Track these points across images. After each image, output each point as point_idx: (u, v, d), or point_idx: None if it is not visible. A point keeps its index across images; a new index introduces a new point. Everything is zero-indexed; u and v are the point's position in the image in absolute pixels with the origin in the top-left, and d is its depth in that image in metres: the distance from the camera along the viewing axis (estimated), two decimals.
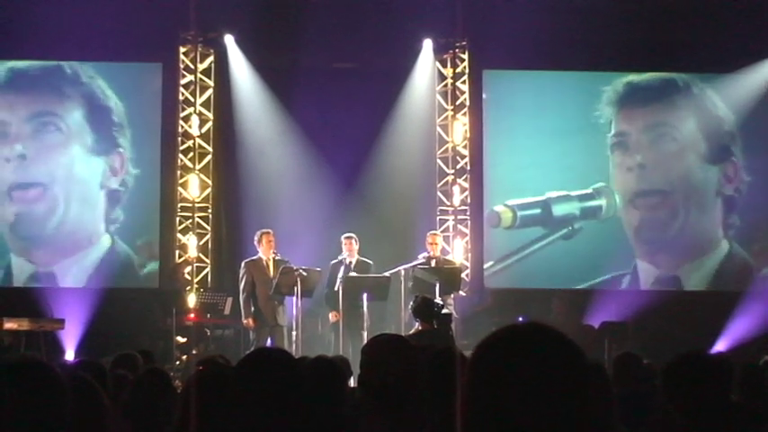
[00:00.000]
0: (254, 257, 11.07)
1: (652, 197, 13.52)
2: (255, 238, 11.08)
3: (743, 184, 13.59)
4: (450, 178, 13.42)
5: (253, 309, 10.91)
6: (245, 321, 10.97)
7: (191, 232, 12.97)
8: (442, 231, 12.71)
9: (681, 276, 13.49)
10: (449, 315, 10.01)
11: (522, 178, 13.47)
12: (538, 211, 13.47)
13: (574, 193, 13.50)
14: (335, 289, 11.00)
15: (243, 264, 11.09)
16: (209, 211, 13.14)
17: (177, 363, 11.71)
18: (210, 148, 13.19)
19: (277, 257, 10.97)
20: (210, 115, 13.24)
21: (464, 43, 13.36)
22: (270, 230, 11.10)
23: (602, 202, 13.51)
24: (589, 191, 13.51)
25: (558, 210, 13.48)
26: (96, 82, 13.09)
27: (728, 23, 12.79)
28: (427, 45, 13.36)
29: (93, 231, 12.94)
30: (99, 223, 12.96)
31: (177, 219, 13.01)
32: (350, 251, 11.25)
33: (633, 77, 13.69)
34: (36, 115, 12.97)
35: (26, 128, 12.94)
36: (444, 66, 13.54)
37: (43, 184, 12.88)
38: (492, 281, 13.30)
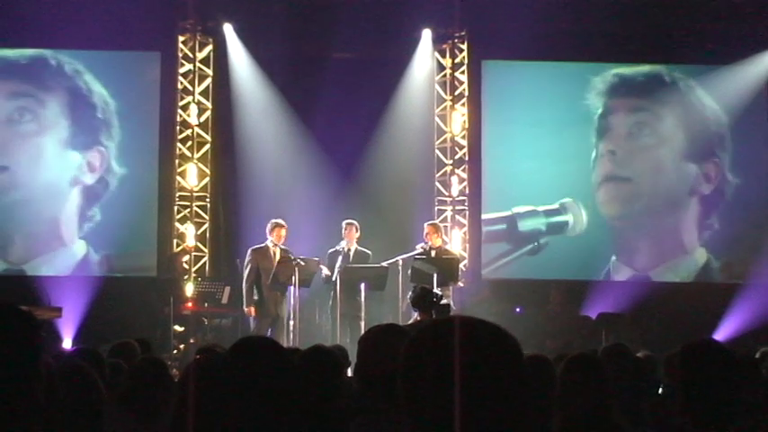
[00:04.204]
0: (261, 245, 10.95)
1: (619, 183, 13.43)
2: (268, 227, 10.99)
3: (727, 185, 13.47)
4: (448, 168, 13.41)
5: (256, 298, 10.85)
6: (246, 309, 10.89)
7: (189, 221, 12.97)
8: (440, 222, 12.70)
9: (654, 279, 13.29)
10: (447, 306, 10.01)
11: (520, 169, 13.44)
12: (503, 226, 13.38)
13: (540, 209, 13.41)
14: (333, 278, 10.99)
15: (249, 251, 10.98)
16: (208, 200, 13.13)
17: (175, 351, 11.73)
18: (209, 138, 13.18)
19: (283, 247, 10.90)
20: (209, 104, 13.23)
21: (463, 34, 13.34)
22: (284, 224, 10.98)
23: (568, 217, 13.42)
24: (555, 206, 13.42)
25: (524, 225, 13.39)
26: (83, 76, 12.96)
27: (730, 16, 12.80)
28: (426, 35, 13.33)
29: (65, 230, 12.78)
30: (72, 223, 12.82)
31: (175, 208, 13.01)
32: (350, 238, 11.19)
33: (622, 69, 13.61)
34: (15, 101, 12.86)
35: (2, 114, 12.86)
36: (443, 56, 13.52)
37: (8, 168, 12.77)
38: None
